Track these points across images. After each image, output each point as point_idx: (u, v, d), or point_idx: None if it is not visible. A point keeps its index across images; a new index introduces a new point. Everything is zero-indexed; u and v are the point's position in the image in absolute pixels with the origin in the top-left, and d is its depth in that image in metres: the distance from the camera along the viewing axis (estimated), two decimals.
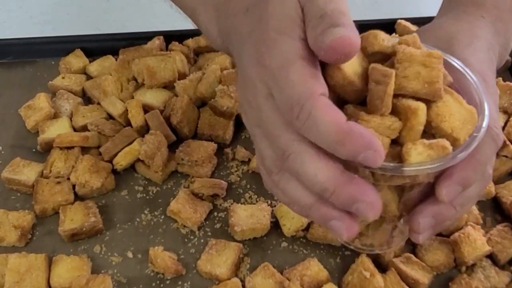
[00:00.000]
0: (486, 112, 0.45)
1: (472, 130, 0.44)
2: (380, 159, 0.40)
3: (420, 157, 0.41)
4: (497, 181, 0.65)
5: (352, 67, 0.42)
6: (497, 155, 0.65)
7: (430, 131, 0.43)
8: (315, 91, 0.40)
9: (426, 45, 0.46)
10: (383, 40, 0.44)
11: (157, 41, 0.78)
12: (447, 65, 0.47)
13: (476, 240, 0.57)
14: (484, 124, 0.44)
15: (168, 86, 0.73)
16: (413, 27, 0.75)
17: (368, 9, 0.40)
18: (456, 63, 0.48)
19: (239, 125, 0.71)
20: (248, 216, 0.60)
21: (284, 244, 0.60)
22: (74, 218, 0.61)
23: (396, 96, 0.42)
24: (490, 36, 0.56)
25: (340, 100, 0.44)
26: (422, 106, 0.42)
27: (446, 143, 0.42)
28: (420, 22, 0.71)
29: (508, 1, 0.59)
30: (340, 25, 0.40)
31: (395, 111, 0.42)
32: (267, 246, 0.60)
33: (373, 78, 0.42)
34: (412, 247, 0.59)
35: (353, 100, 0.44)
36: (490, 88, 0.50)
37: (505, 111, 0.72)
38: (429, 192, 0.47)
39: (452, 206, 0.47)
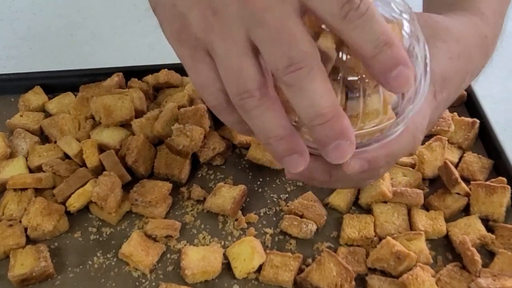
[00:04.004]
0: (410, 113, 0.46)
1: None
2: None
3: None
4: (449, 218, 0.65)
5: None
6: (450, 192, 0.67)
7: None
8: None
9: None
10: None
11: (116, 78, 0.78)
12: None
13: (424, 282, 0.57)
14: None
15: (126, 124, 0.73)
16: None
17: None
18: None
19: (195, 164, 0.71)
20: (200, 259, 0.60)
21: (236, 286, 0.60)
22: (24, 263, 0.60)
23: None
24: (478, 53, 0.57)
25: None
26: None
27: None
28: None
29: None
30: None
31: None
32: None
33: None
34: None
35: None
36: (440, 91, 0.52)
37: (459, 147, 0.72)
38: None
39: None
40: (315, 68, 0.39)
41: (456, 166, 0.70)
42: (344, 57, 0.42)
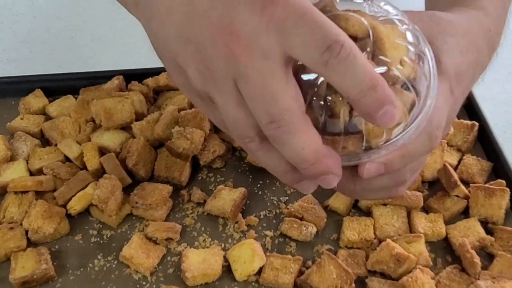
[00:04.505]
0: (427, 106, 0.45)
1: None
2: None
3: None
4: (448, 221, 0.65)
5: None
6: (449, 195, 0.67)
7: None
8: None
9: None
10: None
11: (116, 81, 0.79)
12: None
13: (424, 284, 0.57)
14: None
15: (126, 127, 0.73)
16: None
17: None
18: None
19: (195, 166, 0.72)
20: (200, 262, 0.60)
21: None
22: (25, 266, 0.60)
23: None
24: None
25: None
26: None
27: None
28: None
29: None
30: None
31: None
32: None
33: None
34: None
35: None
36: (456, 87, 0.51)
37: (459, 149, 0.73)
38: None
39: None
40: (295, 123, 0.41)
41: (456, 168, 0.70)
42: None
